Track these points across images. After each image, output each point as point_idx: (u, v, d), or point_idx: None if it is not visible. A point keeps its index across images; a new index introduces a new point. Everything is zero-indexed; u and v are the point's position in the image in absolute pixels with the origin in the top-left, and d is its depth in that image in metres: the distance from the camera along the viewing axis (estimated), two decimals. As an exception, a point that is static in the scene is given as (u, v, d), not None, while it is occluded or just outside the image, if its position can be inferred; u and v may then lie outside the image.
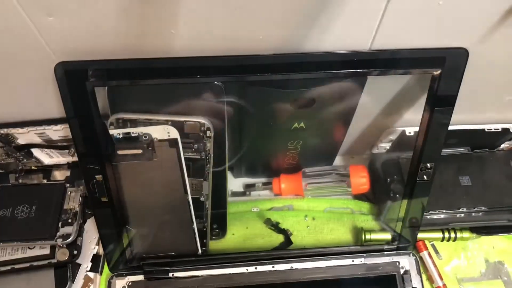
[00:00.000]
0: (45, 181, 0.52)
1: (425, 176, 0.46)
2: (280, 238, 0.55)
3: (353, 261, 0.50)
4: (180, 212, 0.48)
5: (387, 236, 0.53)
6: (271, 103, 0.45)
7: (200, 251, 0.52)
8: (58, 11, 0.33)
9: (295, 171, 0.59)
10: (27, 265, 0.49)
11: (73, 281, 0.51)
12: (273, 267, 0.50)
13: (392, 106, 0.49)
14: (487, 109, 0.50)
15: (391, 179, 0.53)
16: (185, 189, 0.47)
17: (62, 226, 0.49)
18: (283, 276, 0.50)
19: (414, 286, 0.50)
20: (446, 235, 0.54)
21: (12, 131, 0.45)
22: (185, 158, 0.45)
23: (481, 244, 0.55)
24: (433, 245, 0.55)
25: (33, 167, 0.53)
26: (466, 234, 0.54)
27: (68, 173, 0.53)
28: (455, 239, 0.54)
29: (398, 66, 0.39)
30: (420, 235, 0.54)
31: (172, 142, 0.43)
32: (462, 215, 0.52)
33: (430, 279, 0.52)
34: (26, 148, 0.49)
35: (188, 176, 0.46)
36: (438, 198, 0.52)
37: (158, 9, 0.33)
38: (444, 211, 0.52)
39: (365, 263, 0.50)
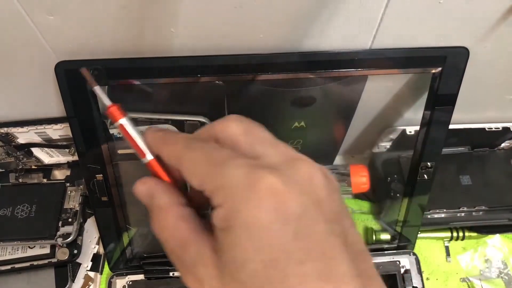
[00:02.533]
0: (45, 180, 0.52)
1: (425, 175, 0.46)
2: (280, 237, 0.55)
3: (353, 260, 0.50)
4: (181, 212, 0.48)
5: (387, 235, 0.53)
6: (271, 102, 0.45)
7: (200, 250, 0.51)
8: (59, 10, 0.33)
9: (295, 171, 0.59)
10: (27, 264, 0.49)
11: (73, 281, 0.51)
12: (273, 266, 0.50)
13: (392, 105, 0.49)
14: (487, 108, 0.50)
15: (391, 178, 0.53)
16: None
17: (62, 226, 0.49)
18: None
19: (414, 285, 0.50)
20: (455, 234, 0.54)
21: (12, 130, 0.45)
22: (185, 157, 0.45)
23: (482, 243, 0.55)
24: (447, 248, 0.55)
25: (33, 167, 0.52)
26: (474, 234, 0.54)
27: (68, 172, 0.53)
28: (463, 238, 0.54)
29: (399, 65, 0.39)
30: (428, 235, 0.54)
31: (173, 141, 0.43)
32: (463, 214, 0.52)
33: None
34: (26, 147, 0.49)
35: (189, 175, 0.46)
36: (438, 197, 0.52)
37: (158, 7, 0.33)
38: (445, 210, 0.52)
39: (365, 262, 0.50)
